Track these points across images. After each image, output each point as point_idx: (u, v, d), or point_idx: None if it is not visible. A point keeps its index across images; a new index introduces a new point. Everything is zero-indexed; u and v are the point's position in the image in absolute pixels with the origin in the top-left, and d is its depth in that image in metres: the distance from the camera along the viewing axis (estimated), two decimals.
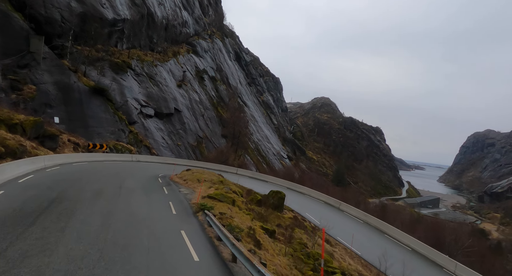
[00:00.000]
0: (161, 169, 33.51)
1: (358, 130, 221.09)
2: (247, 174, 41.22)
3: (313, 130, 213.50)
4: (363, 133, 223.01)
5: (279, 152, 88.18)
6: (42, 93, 30.17)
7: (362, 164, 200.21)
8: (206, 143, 57.65)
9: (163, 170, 32.75)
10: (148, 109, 45.49)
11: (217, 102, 71.32)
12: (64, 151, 28.01)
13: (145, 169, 30.84)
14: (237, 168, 42.83)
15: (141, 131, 41.60)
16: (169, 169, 34.69)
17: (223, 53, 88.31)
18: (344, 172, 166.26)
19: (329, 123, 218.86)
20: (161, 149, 43.91)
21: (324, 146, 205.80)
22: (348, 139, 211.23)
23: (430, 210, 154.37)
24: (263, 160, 71.99)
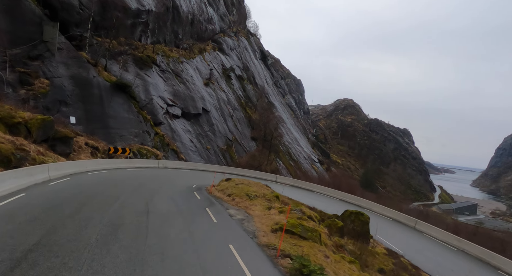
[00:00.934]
0: (194, 178, 27.84)
1: (384, 132, 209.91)
2: (288, 182, 34.90)
3: (336, 133, 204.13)
4: (390, 136, 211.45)
5: (310, 156, 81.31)
6: (56, 89, 25.34)
7: (390, 167, 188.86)
8: (236, 146, 51.92)
9: (196, 179, 27.06)
10: (175, 109, 40.26)
11: (245, 103, 65.68)
12: (79, 157, 22.84)
13: (175, 178, 25.23)
14: (276, 175, 36.65)
15: (167, 134, 36.31)
16: (202, 178, 29.04)
17: (248, 52, 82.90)
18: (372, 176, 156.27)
19: (354, 126, 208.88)
20: (189, 154, 38.44)
21: (348, 149, 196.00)
22: (374, 141, 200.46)
23: (467, 217, 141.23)
24: (295, 165, 65.49)
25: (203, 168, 35.44)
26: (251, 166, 49.20)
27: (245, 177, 34.82)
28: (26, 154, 17.16)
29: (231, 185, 20.16)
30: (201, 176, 30.89)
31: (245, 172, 37.15)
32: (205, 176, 31.50)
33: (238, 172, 36.76)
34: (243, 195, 17.07)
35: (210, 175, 33.24)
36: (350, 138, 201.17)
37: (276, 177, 35.83)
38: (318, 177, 71.17)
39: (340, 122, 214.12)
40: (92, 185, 15.74)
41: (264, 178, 35.94)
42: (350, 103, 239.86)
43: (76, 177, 17.81)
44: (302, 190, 32.54)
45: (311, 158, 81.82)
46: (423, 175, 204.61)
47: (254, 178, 35.79)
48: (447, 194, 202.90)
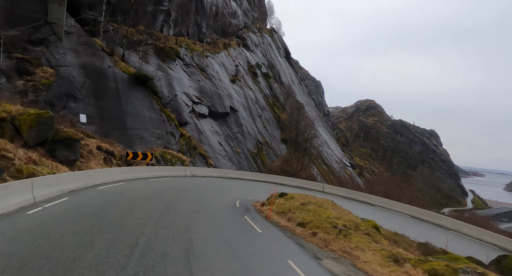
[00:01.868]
0: (231, 190, 21.98)
1: (410, 134, 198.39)
2: (338, 193, 28.36)
3: (358, 135, 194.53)
4: (416, 137, 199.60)
5: (341, 159, 74.13)
6: (62, 80, 20.18)
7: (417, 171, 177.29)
8: (267, 149, 45.86)
9: (234, 191, 21.20)
10: (201, 107, 34.71)
11: (273, 102, 59.66)
12: (89, 165, 17.37)
13: (209, 192, 19.37)
14: (322, 183, 30.19)
15: (194, 135, 30.70)
16: (241, 189, 23.17)
17: (273, 49, 77.09)
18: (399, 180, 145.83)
19: (376, 127, 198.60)
20: (218, 158, 32.66)
21: (371, 151, 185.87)
22: (398, 143, 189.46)
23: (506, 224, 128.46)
24: (328, 169, 58.69)
25: (236, 176, 29.54)
26: (286, 172, 42.93)
27: (285, 186, 28.66)
28: (7, 163, 11.71)
29: (293, 204, 13.98)
30: (238, 187, 24.96)
31: (283, 180, 30.97)
32: (242, 186, 25.56)
33: (274, 180, 30.63)
34: (324, 224, 10.85)
35: (247, 184, 27.28)
36: (373, 140, 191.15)
37: (323, 186, 29.41)
38: (353, 182, 63.88)
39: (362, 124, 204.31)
40: (96, 211, 10.00)
41: (308, 187, 29.61)
42: (371, 104, 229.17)
43: (79, 195, 12.20)
44: (359, 203, 25.95)
45: (343, 162, 74.59)
46: (454, 178, 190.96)
47: (297, 187, 29.54)
48: (480, 199, 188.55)
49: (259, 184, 28.56)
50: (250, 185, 26.98)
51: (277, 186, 29.03)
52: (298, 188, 29.43)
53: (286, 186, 29.35)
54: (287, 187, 28.80)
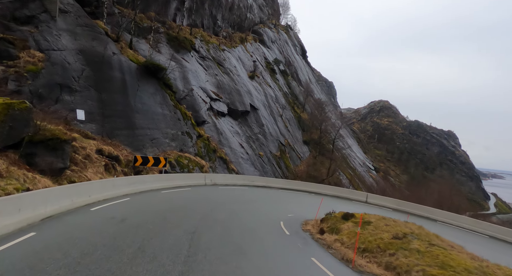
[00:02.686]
0: (265, 203, 17.33)
1: (426, 135, 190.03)
2: (386, 204, 23.25)
3: (372, 137, 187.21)
4: (433, 138, 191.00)
5: (364, 162, 68.72)
6: (55, 67, 15.95)
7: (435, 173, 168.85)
8: (290, 152, 41.04)
9: (269, 205, 16.57)
10: (220, 104, 30.22)
11: (293, 101, 54.88)
12: (84, 175, 12.94)
13: (239, 208, 14.67)
14: (366, 193, 25.16)
15: (213, 136, 26.19)
16: (276, 202, 18.52)
17: (289, 46, 72.47)
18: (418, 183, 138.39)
19: (391, 128, 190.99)
20: (240, 163, 28.05)
21: (387, 153, 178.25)
22: (415, 144, 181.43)
23: None
24: (354, 174, 53.41)
25: (262, 183, 24.82)
26: (313, 177, 38.02)
27: (321, 195, 23.80)
28: None
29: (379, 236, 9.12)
30: (270, 198, 20.25)
31: (315, 188, 26.07)
32: (275, 198, 20.84)
33: (306, 187, 25.80)
34: None
35: (278, 195, 22.54)
36: (388, 141, 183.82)
37: (367, 196, 24.34)
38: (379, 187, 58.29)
39: (376, 126, 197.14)
40: (71, 263, 5.39)
41: (349, 197, 24.66)
42: (386, 105, 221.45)
43: (56, 225, 7.69)
44: (418, 219, 20.82)
45: (366, 165, 69.12)
46: (475, 181, 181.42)
47: (336, 196, 24.67)
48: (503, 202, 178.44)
49: (291, 193, 23.79)
50: (282, 196, 22.23)
51: (312, 196, 24.22)
52: (338, 198, 24.53)
53: (323, 195, 24.48)
54: (325, 198, 23.96)
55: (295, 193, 24.20)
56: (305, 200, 22.00)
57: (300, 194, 24.38)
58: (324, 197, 24.29)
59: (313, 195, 24.63)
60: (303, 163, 43.06)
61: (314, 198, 23.29)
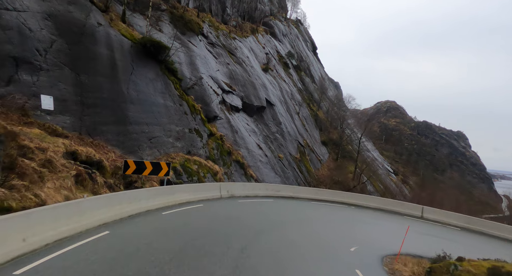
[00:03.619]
0: (307, 226, 12.14)
1: (435, 135, 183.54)
2: (451, 221, 17.84)
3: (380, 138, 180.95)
4: (443, 139, 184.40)
5: (383, 164, 63.38)
6: (8, 34, 10.94)
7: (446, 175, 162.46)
8: (309, 153, 35.81)
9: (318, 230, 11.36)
10: (233, 97, 25.13)
11: (308, 98, 49.72)
12: (34, 196, 7.79)
13: (276, 237, 9.43)
14: (421, 206, 19.80)
15: (227, 135, 21.03)
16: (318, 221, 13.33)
17: (300, 41, 67.46)
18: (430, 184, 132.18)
19: (399, 129, 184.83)
20: (259, 167, 22.87)
21: (395, 155, 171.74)
22: (424, 145, 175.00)
23: None
24: (376, 178, 48.02)
25: (290, 193, 19.55)
26: (338, 183, 32.75)
27: (361, 208, 18.59)
28: None
29: None
30: (310, 216, 15.00)
31: (349, 197, 20.68)
32: (314, 214, 15.65)
33: (339, 198, 20.41)
34: None
35: (317, 209, 17.32)
36: (396, 142, 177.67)
37: (423, 210, 18.99)
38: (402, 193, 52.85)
39: (383, 126, 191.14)
40: None
41: (397, 210, 19.35)
42: (393, 105, 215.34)
43: None
44: (500, 243, 15.51)
45: (385, 167, 63.75)
46: (486, 183, 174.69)
47: (379, 209, 19.40)
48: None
49: (328, 207, 18.56)
50: (320, 211, 17.00)
51: (354, 209, 18.98)
52: (382, 211, 19.26)
53: (362, 207, 19.31)
54: (367, 211, 18.74)
55: (332, 206, 18.96)
56: (351, 216, 16.79)
57: (338, 207, 19.13)
58: (364, 210, 19.07)
59: (353, 207, 19.36)
60: (324, 166, 37.80)
61: (359, 212, 18.08)
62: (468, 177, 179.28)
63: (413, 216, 19.08)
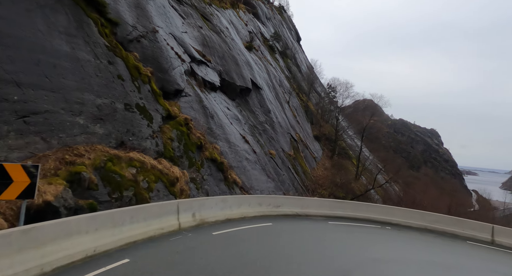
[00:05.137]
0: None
1: (411, 133, 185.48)
2: None
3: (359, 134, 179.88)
4: (418, 137, 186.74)
5: (375, 163, 58.25)
6: None
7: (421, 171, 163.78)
8: (303, 150, 28.89)
9: None
10: (208, 70, 17.51)
11: (296, 87, 42.95)
12: None
13: None
14: (490, 224, 13.40)
15: (197, 120, 13.39)
16: None
17: (284, 28, 60.72)
18: None
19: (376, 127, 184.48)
20: (245, 168, 15.47)
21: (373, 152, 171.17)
22: (400, 143, 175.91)
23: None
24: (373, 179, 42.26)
25: (295, 209, 12.32)
26: (339, 187, 26.14)
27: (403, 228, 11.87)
28: None
29: None
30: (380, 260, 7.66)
31: (375, 212, 13.86)
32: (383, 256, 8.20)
33: (356, 213, 13.48)
34: None
35: (345, 235, 10.07)
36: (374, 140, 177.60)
37: (493, 230, 12.60)
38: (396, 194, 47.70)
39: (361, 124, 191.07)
40: None
41: (450, 231, 12.77)
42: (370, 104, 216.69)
43: None
44: None
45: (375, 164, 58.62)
46: (458, 178, 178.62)
47: (426, 229, 12.76)
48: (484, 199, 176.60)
49: (362, 230, 11.54)
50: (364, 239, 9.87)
51: (387, 230, 12.14)
52: (429, 232, 12.62)
53: (399, 226, 12.62)
54: (407, 232, 12.08)
55: (362, 228, 11.98)
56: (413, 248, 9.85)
57: (369, 229, 12.19)
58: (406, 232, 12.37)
59: (388, 228, 12.54)
60: (319, 165, 31.10)
61: (404, 237, 11.29)
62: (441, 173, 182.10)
63: (478, 239, 12.52)
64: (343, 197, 25.01)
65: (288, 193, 18.66)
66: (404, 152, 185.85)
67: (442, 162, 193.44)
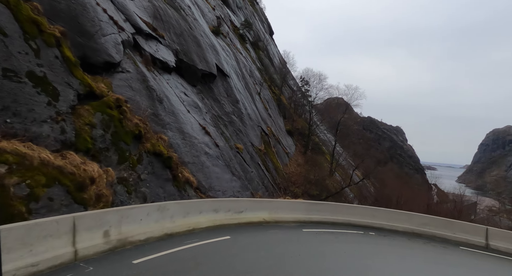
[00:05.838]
0: None
1: (378, 130, 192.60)
2: None
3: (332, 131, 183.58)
4: (384, 134, 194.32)
5: (347, 159, 57.69)
6: None
7: (387, 167, 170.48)
8: (275, 145, 26.54)
9: None
10: (160, 47, 14.34)
11: (269, 80, 40.57)
12: None
13: None
14: (484, 226, 14.06)
15: (137, 103, 10.31)
16: None
17: (256, 20, 58.06)
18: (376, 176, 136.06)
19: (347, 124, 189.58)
20: (204, 164, 12.63)
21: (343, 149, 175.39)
22: (368, 140, 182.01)
23: None
24: (346, 176, 41.23)
25: (262, 214, 9.76)
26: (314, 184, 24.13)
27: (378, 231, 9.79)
28: None
29: None
30: None
31: (353, 214, 11.82)
32: None
33: (334, 216, 11.32)
34: None
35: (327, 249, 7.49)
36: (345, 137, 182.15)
37: (487, 233, 10.93)
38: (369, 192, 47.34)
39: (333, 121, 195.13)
40: None
41: (439, 235, 10.94)
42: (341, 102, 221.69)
43: None
44: None
45: (348, 161, 58.17)
46: (420, 173, 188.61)
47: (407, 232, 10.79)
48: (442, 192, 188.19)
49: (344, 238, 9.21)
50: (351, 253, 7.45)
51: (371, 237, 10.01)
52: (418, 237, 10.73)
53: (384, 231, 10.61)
54: (394, 239, 10.07)
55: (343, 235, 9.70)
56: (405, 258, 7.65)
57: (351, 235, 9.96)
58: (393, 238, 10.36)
59: (372, 234, 10.42)
60: (292, 161, 28.97)
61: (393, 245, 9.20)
62: (405, 168, 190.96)
63: (471, 244, 10.77)
64: (317, 195, 23.06)
65: (256, 192, 16.10)
66: (372, 148, 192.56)
67: (407, 158, 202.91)
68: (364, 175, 38.02)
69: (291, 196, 19.55)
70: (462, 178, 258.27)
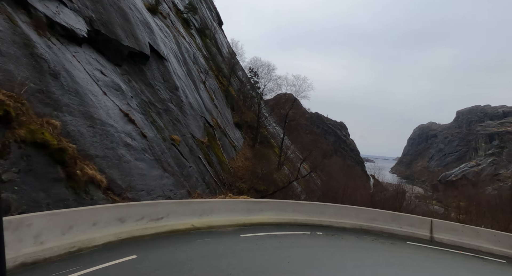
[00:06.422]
0: None
1: (324, 125, 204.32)
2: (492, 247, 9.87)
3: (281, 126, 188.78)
4: (330, 129, 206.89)
5: (295, 152, 58.18)
6: None
7: (332, 160, 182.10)
8: (221, 137, 24.48)
9: None
10: (65, 10, 11.11)
11: (216, 70, 38.00)
12: None
13: None
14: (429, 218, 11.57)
15: (10, 73, 7.32)
16: None
17: (204, 7, 54.55)
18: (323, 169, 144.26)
19: (296, 119, 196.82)
20: (123, 158, 10.05)
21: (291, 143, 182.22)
22: (315, 134, 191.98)
23: None
24: (294, 169, 41.17)
25: (188, 218, 7.76)
26: (261, 179, 22.79)
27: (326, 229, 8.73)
28: None
29: None
30: None
31: (301, 212, 10.72)
32: None
33: (280, 215, 10.08)
34: None
35: None
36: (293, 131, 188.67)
37: (432, 226, 10.51)
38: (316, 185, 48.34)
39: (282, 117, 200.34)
40: None
41: (387, 230, 10.32)
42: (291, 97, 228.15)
43: None
44: None
45: (297, 155, 58.86)
46: (360, 165, 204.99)
47: (356, 229, 9.96)
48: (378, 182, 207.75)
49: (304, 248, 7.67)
50: None
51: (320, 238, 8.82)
52: (367, 234, 9.91)
53: (332, 229, 9.54)
54: (341, 240, 9.03)
55: (287, 238, 8.26)
56: None
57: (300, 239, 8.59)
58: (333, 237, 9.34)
59: (320, 233, 9.24)
60: (240, 154, 27.31)
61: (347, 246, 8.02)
62: (348, 161, 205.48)
63: (417, 238, 10.27)
64: (265, 190, 21.83)
65: (194, 190, 13.96)
66: (319, 142, 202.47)
67: (349, 151, 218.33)
68: (312, 168, 38.34)
69: (236, 192, 17.84)
70: (394, 169, 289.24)
